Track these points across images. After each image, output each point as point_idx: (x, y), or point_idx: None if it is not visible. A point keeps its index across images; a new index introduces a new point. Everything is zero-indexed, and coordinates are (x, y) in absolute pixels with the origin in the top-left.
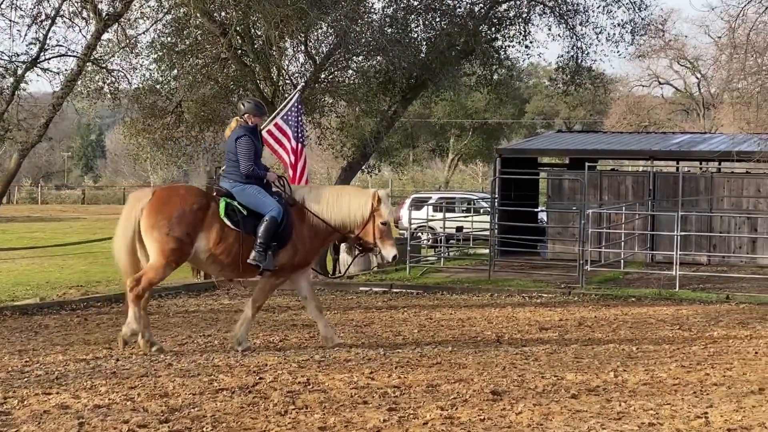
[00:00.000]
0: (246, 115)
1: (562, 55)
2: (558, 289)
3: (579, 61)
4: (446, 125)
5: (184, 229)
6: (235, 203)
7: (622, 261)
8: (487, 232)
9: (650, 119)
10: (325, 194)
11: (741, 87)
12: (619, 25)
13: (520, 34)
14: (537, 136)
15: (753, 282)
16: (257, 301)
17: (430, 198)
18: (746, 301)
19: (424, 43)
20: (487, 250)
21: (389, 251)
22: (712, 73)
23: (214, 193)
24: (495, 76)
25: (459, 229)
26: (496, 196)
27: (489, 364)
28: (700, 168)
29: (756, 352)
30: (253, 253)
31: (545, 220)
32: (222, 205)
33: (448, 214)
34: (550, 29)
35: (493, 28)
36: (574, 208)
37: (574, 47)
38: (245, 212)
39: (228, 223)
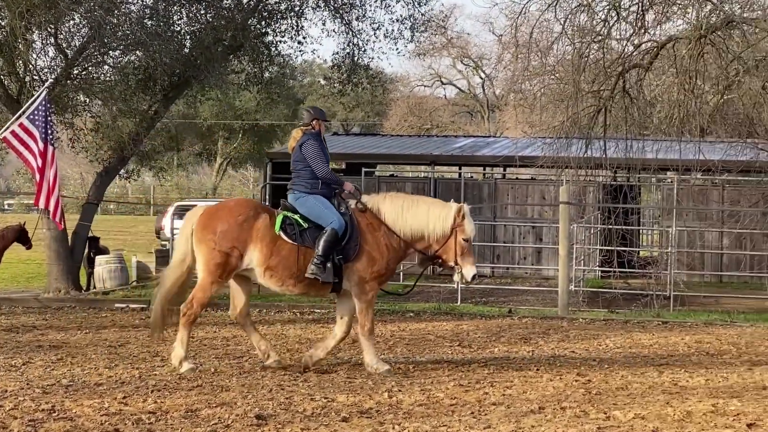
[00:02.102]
0: (315, 121)
1: (337, 52)
2: (332, 304)
3: (355, 58)
4: (214, 127)
5: (230, 243)
6: (296, 217)
7: (401, 274)
8: None
9: (433, 121)
10: (399, 203)
11: (525, 88)
12: (398, 20)
13: (293, 28)
14: None
15: (537, 294)
16: (364, 326)
17: (196, 206)
18: (529, 315)
19: (188, 37)
20: None
21: (470, 271)
22: (496, 73)
23: (280, 208)
24: (266, 74)
25: None
26: (267, 203)
27: (254, 386)
28: (484, 174)
29: (537, 369)
30: (310, 266)
31: None
32: (279, 219)
33: None
34: (324, 24)
35: (263, 22)
36: None
37: (351, 44)
38: (305, 225)
39: (284, 236)
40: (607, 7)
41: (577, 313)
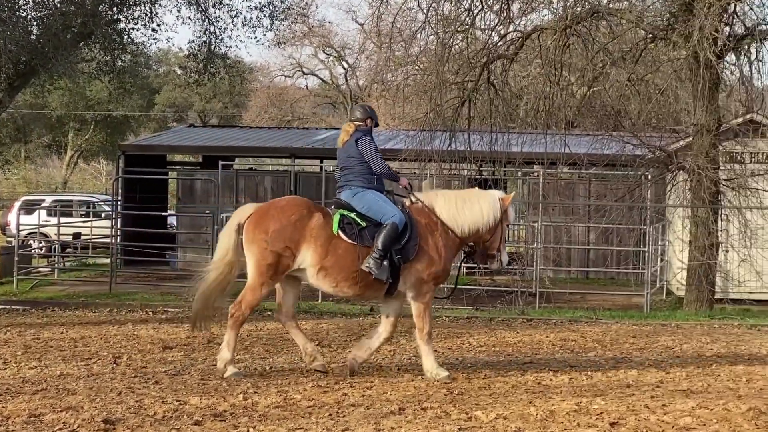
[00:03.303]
0: (368, 120)
1: (193, 41)
2: (187, 303)
3: (212, 47)
4: (64, 118)
5: (282, 244)
6: (353, 215)
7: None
8: (109, 240)
9: (294, 113)
10: (453, 199)
11: (388, 79)
12: (256, 8)
13: (146, 15)
14: (168, 130)
15: None
16: (422, 329)
17: (44, 200)
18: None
19: (35, 23)
20: (108, 260)
21: (505, 255)
22: (359, 63)
23: (333, 207)
24: (119, 63)
25: (77, 235)
26: (119, 198)
27: (103, 389)
28: None
29: (399, 368)
30: (368, 259)
31: (175, 225)
32: (336, 218)
33: (64, 219)
34: (179, 11)
35: (115, 8)
36: (207, 211)
37: (207, 32)
38: (364, 224)
39: (343, 236)
40: None
41: (441, 311)
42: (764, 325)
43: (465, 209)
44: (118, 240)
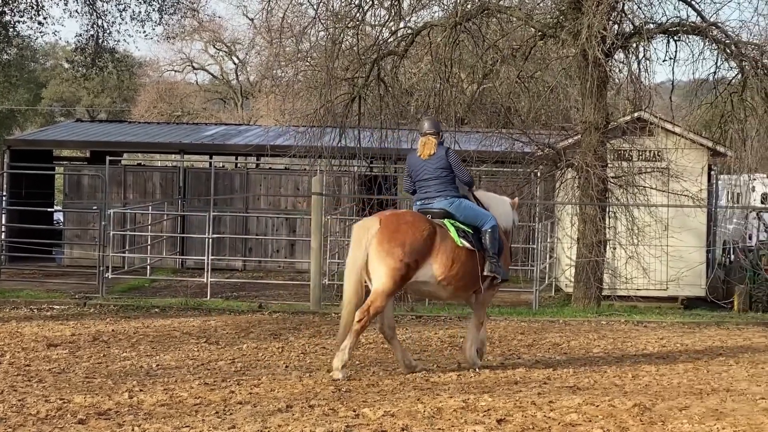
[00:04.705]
0: (440, 134)
1: (81, 35)
2: (73, 300)
3: (100, 41)
4: None
5: (414, 257)
6: (458, 223)
7: (148, 267)
8: None
9: (184, 108)
10: (494, 199)
11: (279, 74)
12: (145, 1)
13: (32, 8)
14: (55, 125)
15: (290, 289)
16: (480, 317)
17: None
18: (280, 309)
19: None
20: None
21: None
22: (249, 59)
23: (430, 216)
24: (4, 56)
25: None
26: (5, 193)
27: None
28: (236, 163)
29: (287, 366)
30: (488, 265)
31: (62, 221)
32: (452, 229)
33: None
34: (66, 4)
35: None
36: (95, 207)
37: (95, 25)
38: (470, 230)
39: (466, 245)
40: None
41: (330, 308)
42: (650, 321)
43: (503, 210)
44: (3, 236)
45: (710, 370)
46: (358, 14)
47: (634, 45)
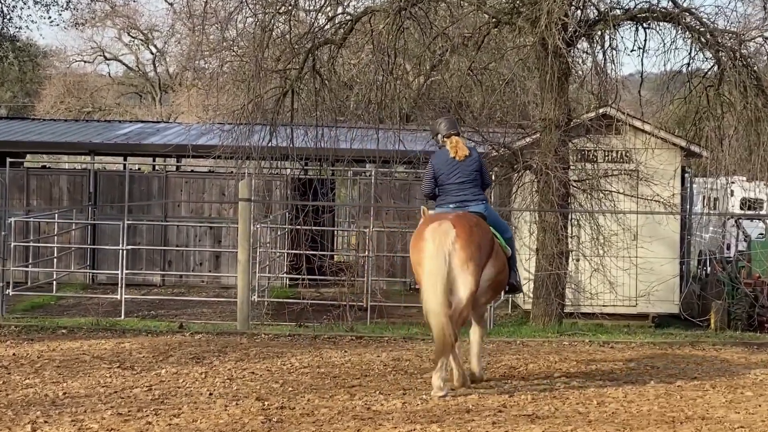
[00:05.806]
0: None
1: None
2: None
3: (0, 28)
4: None
5: (485, 260)
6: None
7: (54, 283)
8: None
9: (95, 103)
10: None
11: (201, 66)
12: None
13: None
14: None
15: (214, 306)
16: (484, 328)
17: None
18: (203, 330)
19: None
20: None
21: None
22: (168, 48)
23: None
24: None
25: None
26: None
27: None
28: (154, 165)
29: (211, 393)
30: (512, 274)
31: None
32: (497, 233)
33: None
34: None
35: None
36: None
37: None
38: (498, 235)
39: (508, 251)
40: None
41: (260, 328)
42: (618, 342)
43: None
44: None
45: (684, 395)
46: None
47: (599, 33)
